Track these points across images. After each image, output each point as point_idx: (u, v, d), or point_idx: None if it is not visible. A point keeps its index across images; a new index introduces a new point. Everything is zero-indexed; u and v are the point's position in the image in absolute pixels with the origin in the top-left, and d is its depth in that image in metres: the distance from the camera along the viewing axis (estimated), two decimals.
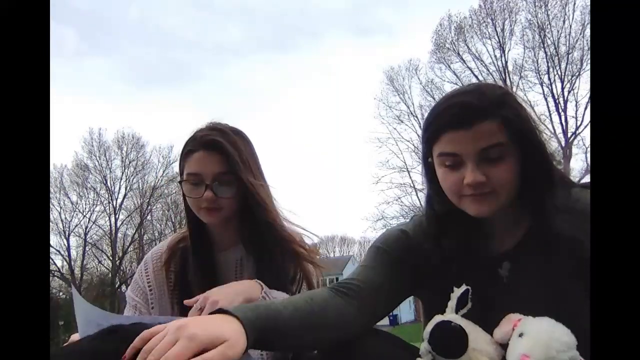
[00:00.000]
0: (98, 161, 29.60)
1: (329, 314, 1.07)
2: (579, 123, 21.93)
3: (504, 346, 1.04)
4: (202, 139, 1.47)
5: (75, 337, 1.28)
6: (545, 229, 1.13)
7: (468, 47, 23.45)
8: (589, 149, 18.04)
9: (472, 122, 1.08)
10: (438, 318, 1.07)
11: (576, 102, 22.24)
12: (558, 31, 22.02)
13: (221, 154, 1.45)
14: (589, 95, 14.89)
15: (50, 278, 24.70)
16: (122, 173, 29.74)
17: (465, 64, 23.73)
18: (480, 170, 1.08)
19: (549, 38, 22.22)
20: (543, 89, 22.52)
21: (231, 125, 1.54)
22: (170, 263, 1.59)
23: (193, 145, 1.48)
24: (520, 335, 1.00)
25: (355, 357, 1.06)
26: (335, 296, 1.12)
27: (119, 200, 29.76)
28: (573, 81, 22.15)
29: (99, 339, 0.97)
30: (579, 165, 21.09)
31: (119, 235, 29.91)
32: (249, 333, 0.90)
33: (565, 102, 22.39)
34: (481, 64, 23.48)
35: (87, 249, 29.58)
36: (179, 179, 1.55)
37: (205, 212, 1.48)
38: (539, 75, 22.72)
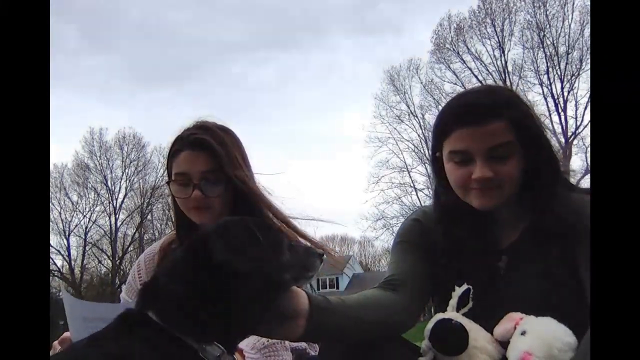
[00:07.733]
0: (98, 161, 29.59)
1: (382, 302, 1.15)
2: (578, 123, 21.93)
3: (503, 344, 1.05)
4: (188, 138, 1.46)
5: (66, 335, 1.27)
6: (546, 221, 1.16)
7: (467, 47, 23.43)
8: (589, 149, 18.04)
9: (481, 120, 1.13)
10: (439, 316, 1.07)
11: (576, 102, 22.21)
12: (557, 31, 22.00)
13: (208, 152, 1.43)
14: (588, 95, 14.90)
15: (50, 278, 24.70)
16: (123, 173, 29.72)
17: (465, 64, 23.71)
18: (488, 167, 1.13)
19: (548, 38, 22.20)
20: (543, 89, 22.49)
21: (218, 123, 1.52)
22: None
23: (180, 145, 1.47)
24: (523, 333, 1.01)
25: (356, 356, 1.06)
26: (385, 290, 1.18)
27: (120, 200, 29.78)
28: (572, 81, 22.12)
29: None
30: (579, 165, 21.06)
31: (119, 235, 29.90)
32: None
33: (565, 102, 22.36)
34: (481, 64, 23.46)
35: (87, 249, 29.58)
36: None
37: (195, 212, 1.46)
38: (539, 75, 22.70)
